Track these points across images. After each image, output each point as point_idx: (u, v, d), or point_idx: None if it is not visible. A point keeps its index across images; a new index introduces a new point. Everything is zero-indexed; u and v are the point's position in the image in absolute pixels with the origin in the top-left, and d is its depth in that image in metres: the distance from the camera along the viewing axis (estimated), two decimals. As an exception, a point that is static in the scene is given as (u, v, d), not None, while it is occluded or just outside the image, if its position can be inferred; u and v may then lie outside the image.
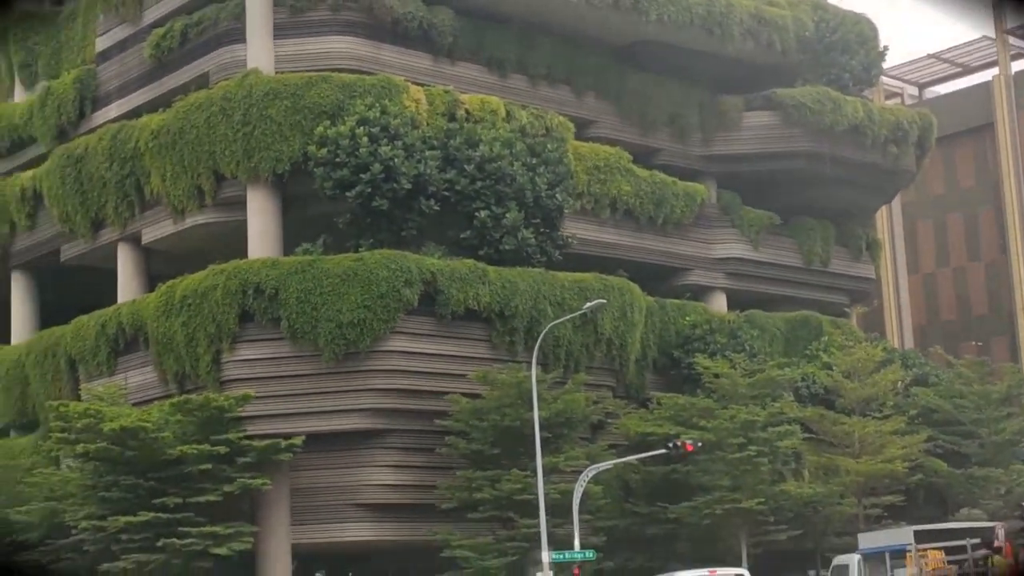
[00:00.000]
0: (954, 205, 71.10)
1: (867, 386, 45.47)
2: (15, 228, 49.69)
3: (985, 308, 68.95)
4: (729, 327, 47.85)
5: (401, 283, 39.19)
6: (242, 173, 41.80)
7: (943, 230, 71.61)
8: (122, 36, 47.41)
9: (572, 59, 48.70)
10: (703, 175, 52.00)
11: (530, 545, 36.97)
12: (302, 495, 40.38)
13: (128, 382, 42.07)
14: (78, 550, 39.74)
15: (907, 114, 57.98)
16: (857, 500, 43.07)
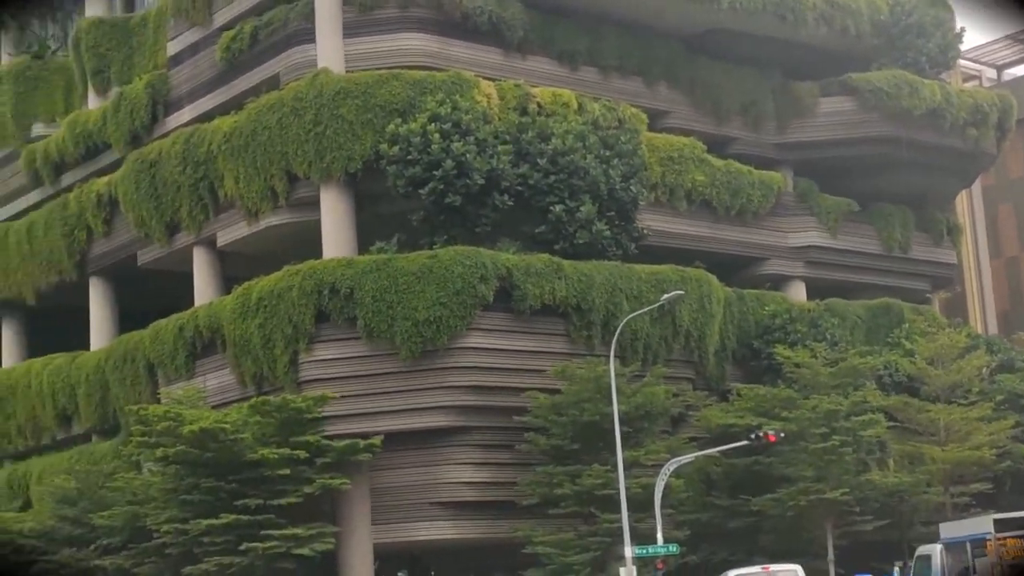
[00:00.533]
0: (1036, 188, 70.51)
1: (951, 373, 44.72)
2: (92, 234, 49.97)
3: (1072, 291, 68.42)
4: (809, 316, 47.33)
5: (476, 279, 38.93)
6: (314, 173, 41.71)
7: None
8: (193, 40, 47.58)
9: (643, 50, 48.34)
10: (779, 163, 51.48)
11: (612, 540, 36.63)
12: (382, 494, 40.26)
13: (206, 385, 42.15)
14: (160, 554, 39.81)
15: (986, 96, 57.17)
16: (944, 489, 42.32)
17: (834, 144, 52.31)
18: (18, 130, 55.39)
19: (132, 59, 50.79)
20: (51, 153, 52.86)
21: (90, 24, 53.13)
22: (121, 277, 50.38)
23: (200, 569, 38.00)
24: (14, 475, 50.18)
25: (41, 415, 49.97)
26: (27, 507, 47.26)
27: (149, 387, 44.44)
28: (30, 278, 52.64)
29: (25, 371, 51.52)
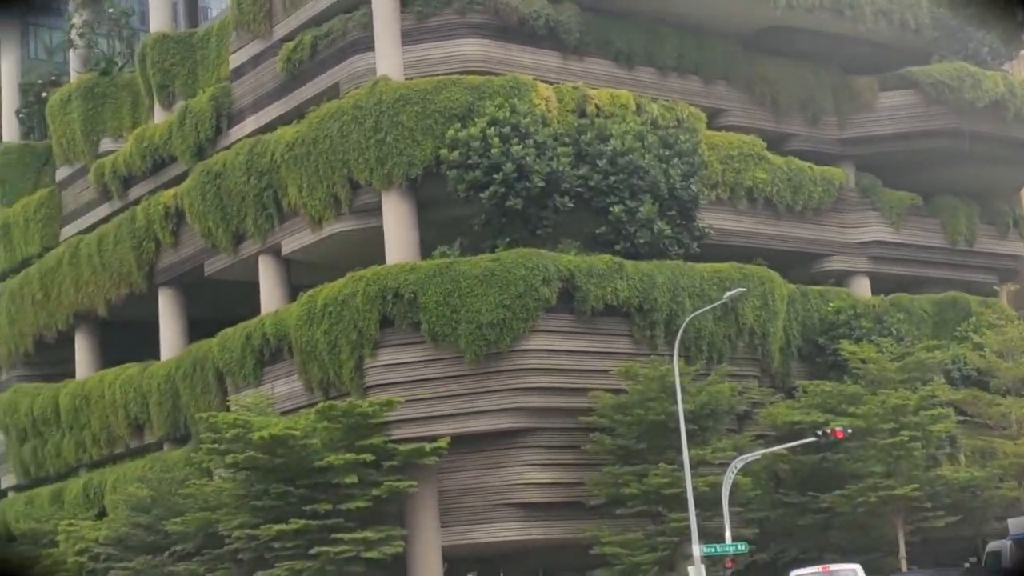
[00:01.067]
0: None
1: (1022, 365, 44.21)
2: (160, 246, 50.37)
3: None
4: (874, 312, 46.80)
5: (539, 281, 38.85)
6: (376, 180, 41.81)
7: (1094, 204, 70.06)
8: (254, 52, 47.83)
9: (700, 49, 48.08)
10: (840, 159, 50.98)
11: (680, 539, 36.50)
12: (450, 497, 40.24)
13: (274, 391, 42.35)
14: (233, 559, 40.09)
15: (1051, 85, 56.25)
16: (1017, 483, 41.85)
17: (895, 138, 51.78)
18: (87, 146, 55.94)
19: (196, 73, 51.20)
20: (119, 167, 53.29)
21: (155, 40, 53.61)
22: (189, 287, 50.78)
23: (272, 574, 38.21)
24: (89, 484, 50.66)
25: (114, 424, 50.39)
26: (102, 515, 47.68)
27: (218, 395, 44.73)
28: (101, 291, 53.07)
29: (98, 382, 51.97)
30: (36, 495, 54.25)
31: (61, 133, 57.46)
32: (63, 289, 54.78)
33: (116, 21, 60.36)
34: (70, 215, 57.03)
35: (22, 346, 57.37)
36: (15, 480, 56.86)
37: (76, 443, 52.40)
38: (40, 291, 55.84)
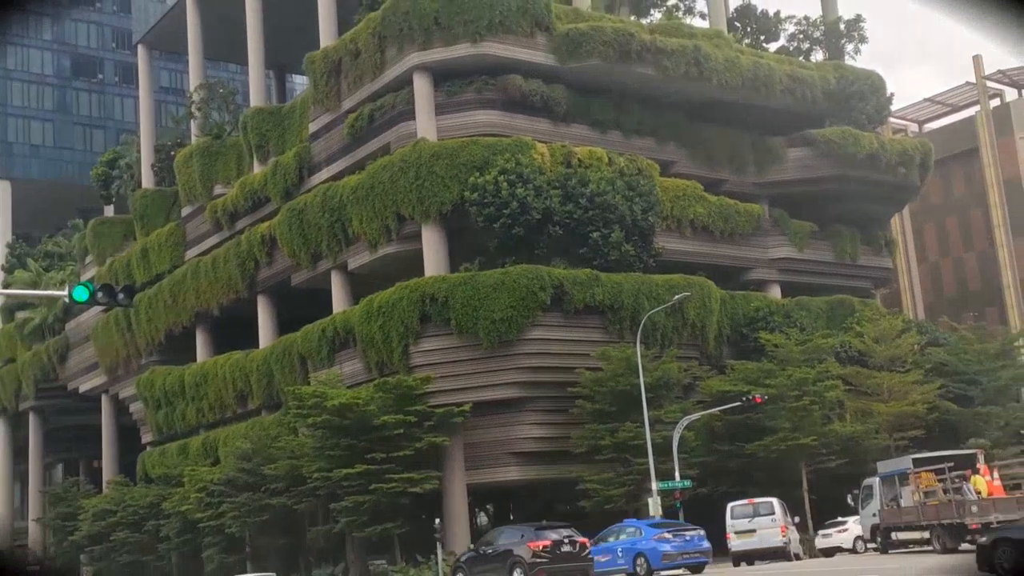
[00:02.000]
0: (950, 210, 69.71)
1: (891, 348, 44.30)
2: (258, 264, 50.52)
3: (979, 286, 67.42)
4: (783, 310, 46.89)
5: (537, 288, 39.07)
6: (417, 214, 41.99)
7: (943, 229, 70.39)
8: (327, 121, 47.89)
9: (655, 118, 47.91)
10: (758, 197, 50.75)
11: (642, 478, 36.68)
12: (472, 448, 40.38)
13: (343, 370, 42.51)
14: (313, 494, 40.50)
15: (911, 143, 56.43)
16: (888, 435, 41.80)
17: (799, 182, 51.50)
18: (204, 190, 56.15)
19: (284, 136, 51.32)
20: (228, 206, 53.45)
21: (254, 112, 53.92)
22: (279, 294, 50.84)
23: (342, 505, 38.56)
24: (207, 440, 50.92)
25: (225, 396, 50.52)
26: (216, 463, 47.92)
27: (301, 373, 44.85)
28: (215, 297, 53.21)
29: (213, 364, 52.19)
30: (167, 449, 54.45)
31: (185, 181, 57.66)
32: (187, 296, 54.93)
33: (225, 98, 60.67)
34: (192, 242, 57.15)
35: (156, 338, 57.54)
36: (152, 438, 57.03)
37: (196, 410, 52.55)
38: (170, 297, 56.00)
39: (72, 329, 67.18)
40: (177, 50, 66.59)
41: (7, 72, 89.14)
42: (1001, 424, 46.53)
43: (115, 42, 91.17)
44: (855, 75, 54.14)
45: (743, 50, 50.79)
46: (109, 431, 65.16)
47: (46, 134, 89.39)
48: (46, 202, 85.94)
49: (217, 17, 59.92)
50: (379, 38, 44.56)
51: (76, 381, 67.18)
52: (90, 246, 67.83)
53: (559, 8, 45.50)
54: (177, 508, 48.00)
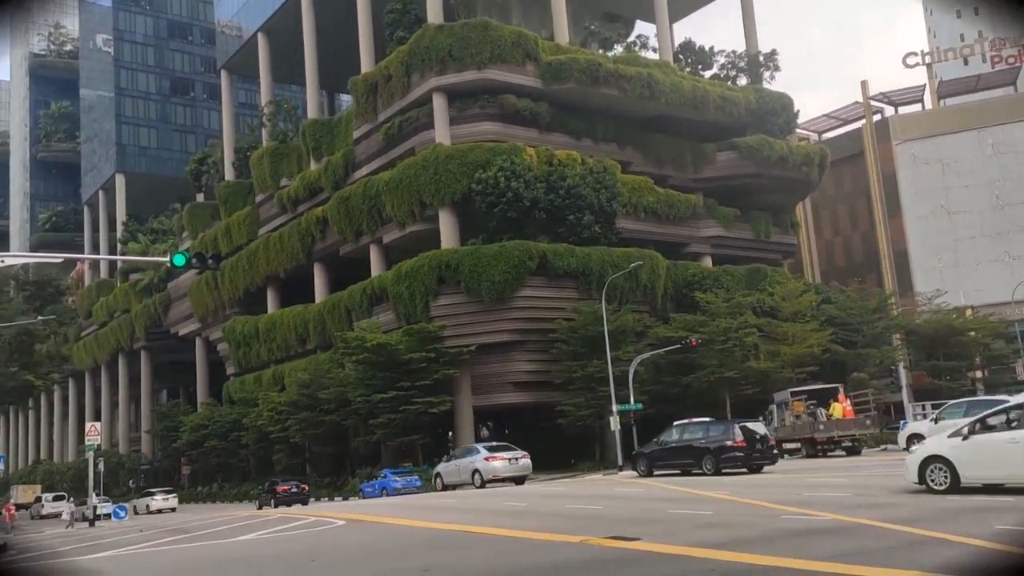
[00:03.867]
0: (841, 200, 69.45)
1: (795, 304, 44.23)
2: (314, 239, 50.45)
3: (862, 258, 67.41)
4: (714, 275, 46.81)
5: (526, 258, 39.13)
6: (436, 201, 41.91)
7: (835, 214, 70.18)
8: (366, 129, 47.71)
9: (618, 128, 47.67)
10: (695, 190, 50.44)
11: (604, 402, 36.78)
12: (478, 378, 40.60)
13: (379, 320, 42.62)
14: (355, 413, 40.74)
15: (812, 149, 55.85)
16: (791, 370, 41.71)
17: (726, 178, 51.20)
18: (272, 182, 55.99)
19: (334, 141, 51.07)
20: (291, 194, 53.28)
21: (311, 123, 53.63)
22: (331, 262, 50.83)
23: (378, 421, 38.82)
24: (277, 372, 51.04)
25: (289, 339, 50.64)
26: (283, 390, 48.12)
27: (347, 322, 44.98)
28: (282, 264, 53.21)
29: (281, 315, 52.24)
30: (246, 379, 54.60)
31: (258, 175, 57.46)
32: (260, 263, 54.94)
33: (288, 112, 60.26)
34: (263, 221, 57.04)
35: (237, 295, 57.63)
36: (234, 370, 57.26)
37: (268, 349, 52.67)
38: (247, 263, 55.99)
39: (172, 287, 67.22)
40: (251, 74, 65.95)
41: (121, 90, 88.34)
42: (877, 362, 46.89)
43: (203, 67, 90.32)
44: (770, 96, 53.79)
45: (684, 76, 50.32)
46: (202, 365, 65.40)
47: (151, 138, 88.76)
48: (152, 190, 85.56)
49: (281, 49, 59.45)
50: (406, 66, 44.32)
51: (176, 326, 67.34)
52: (186, 224, 67.68)
53: (544, 43, 45.17)
54: (254, 423, 48.33)
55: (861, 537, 10.13)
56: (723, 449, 24.02)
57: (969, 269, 61.02)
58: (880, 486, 16.53)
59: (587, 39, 51.15)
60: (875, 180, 65.68)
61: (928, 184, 63.60)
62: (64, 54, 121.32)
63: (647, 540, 10.96)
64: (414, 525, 16.57)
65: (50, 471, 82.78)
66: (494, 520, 16.51)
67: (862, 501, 14.03)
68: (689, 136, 50.48)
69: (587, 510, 16.88)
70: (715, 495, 17.42)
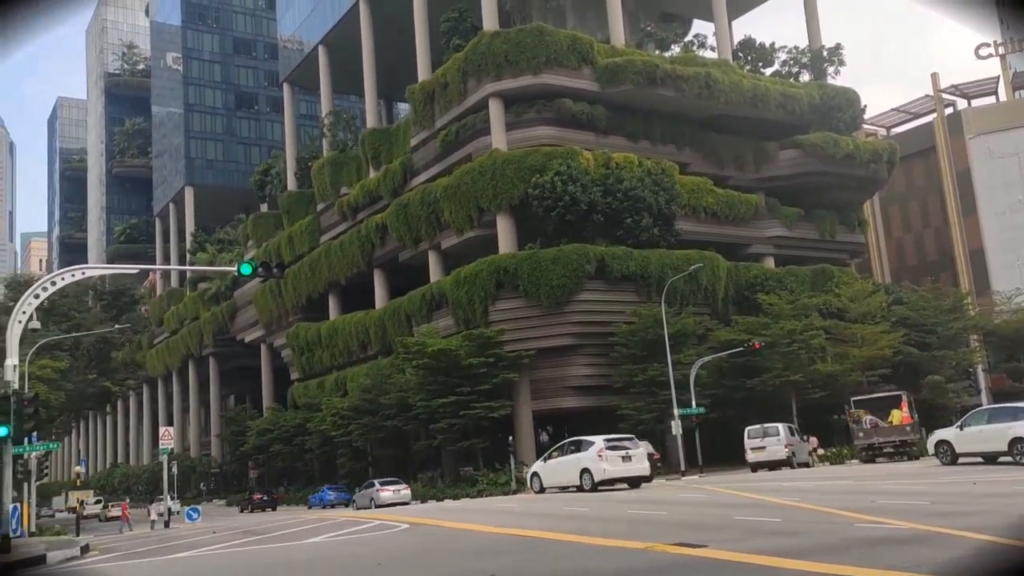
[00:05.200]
0: (912, 196, 67.42)
1: (863, 305, 43.03)
2: (374, 246, 50.79)
3: (935, 256, 65.23)
4: (777, 276, 45.80)
5: (584, 262, 38.78)
6: (493, 206, 41.83)
7: (906, 211, 68.14)
8: (424, 136, 47.91)
9: (675, 129, 46.96)
10: (756, 189, 49.46)
11: (666, 406, 36.21)
12: (537, 383, 40.32)
13: (438, 325, 42.59)
14: (416, 418, 40.74)
15: (881, 144, 54.27)
16: (861, 372, 40.59)
17: (789, 176, 50.07)
18: (333, 191, 56.68)
19: (392, 149, 51.42)
20: (351, 202, 53.81)
21: (370, 132, 54.15)
22: (391, 268, 51.12)
23: (438, 426, 38.78)
24: (339, 378, 51.40)
25: (351, 344, 50.99)
26: (345, 394, 48.46)
27: (407, 327, 45.05)
28: (343, 271, 53.73)
29: (342, 321, 52.69)
30: (309, 384, 55.17)
31: (319, 184, 58.25)
32: (321, 270, 55.59)
33: (348, 122, 61.03)
34: (324, 229, 57.76)
35: (300, 301, 58.44)
36: (298, 375, 58.05)
37: (330, 355, 53.14)
38: (309, 271, 56.72)
39: (239, 295, 68.63)
40: (312, 86, 67.07)
41: (189, 106, 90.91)
42: (953, 364, 45.37)
43: (267, 81, 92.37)
44: (835, 92, 52.37)
45: (744, 74, 49.32)
46: (267, 370, 66.56)
47: (218, 151, 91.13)
48: (218, 202, 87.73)
49: (341, 61, 60.24)
50: (462, 73, 44.38)
51: (242, 333, 68.69)
52: (250, 234, 69.09)
53: (600, 46, 44.76)
54: (317, 427, 48.79)
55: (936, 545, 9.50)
56: None
57: (1049, 266, 58.40)
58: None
59: (643, 40, 50.51)
60: (948, 175, 63.56)
61: (1005, 178, 61.19)
62: (137, 73, 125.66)
63: (713, 547, 10.52)
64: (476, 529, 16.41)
65: (127, 474, 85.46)
66: (555, 524, 16.21)
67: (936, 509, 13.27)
68: (750, 135, 49.46)
69: (651, 515, 16.43)
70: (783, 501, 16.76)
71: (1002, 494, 14.49)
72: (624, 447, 24.49)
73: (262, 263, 21.54)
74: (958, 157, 63.13)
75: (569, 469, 24.95)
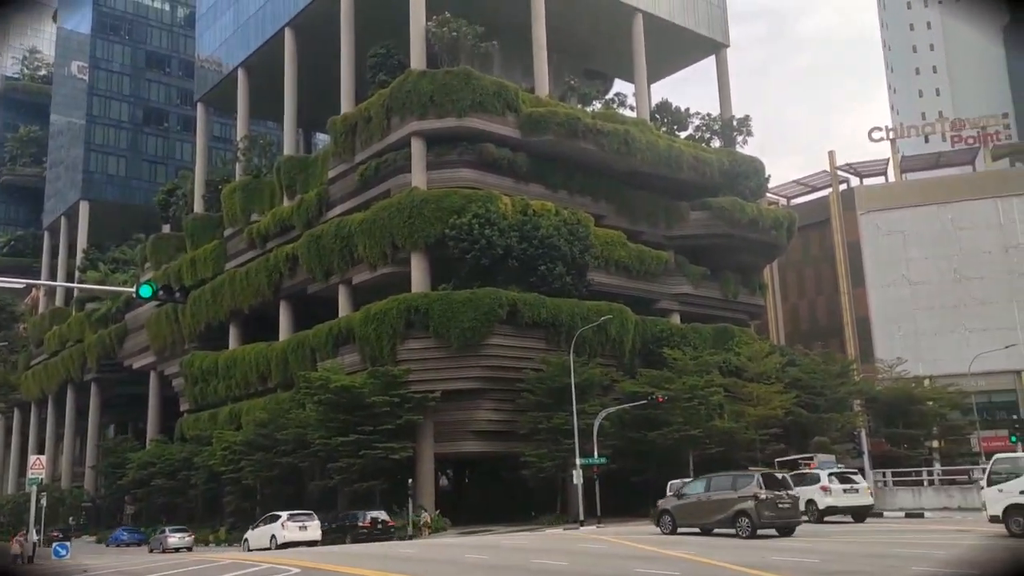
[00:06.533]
0: (807, 264, 70.36)
1: (760, 365, 44.22)
2: (282, 276, 49.69)
3: (826, 322, 68.00)
4: (681, 332, 46.79)
5: (497, 306, 38.90)
6: (408, 244, 41.63)
7: (802, 278, 71.00)
8: (342, 169, 47.42)
9: (593, 181, 47.87)
10: (666, 246, 50.74)
11: (568, 455, 36.25)
12: (441, 425, 39.92)
13: (344, 361, 41.82)
14: (314, 455, 39.73)
15: (782, 213, 56.67)
16: (755, 431, 41.62)
17: (698, 237, 51.60)
18: (243, 217, 55.28)
19: (308, 179, 50.63)
20: (261, 230, 52.64)
21: (286, 159, 53.26)
22: (298, 300, 50.09)
23: (337, 465, 37.87)
24: (233, 411, 49.83)
25: (249, 376, 49.48)
26: (239, 429, 46.88)
27: (311, 362, 44.08)
28: (247, 300, 52.27)
29: (242, 352, 51.19)
30: (200, 416, 53.20)
31: (229, 209, 56.76)
32: (224, 298, 53.91)
33: (264, 148, 59.94)
34: (231, 256, 56.16)
35: (198, 329, 56.45)
36: (189, 406, 55.76)
37: (226, 386, 51.41)
38: (211, 298, 54.88)
39: (130, 318, 65.65)
40: (228, 108, 65.71)
41: (92, 118, 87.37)
42: (838, 426, 46.98)
43: (179, 99, 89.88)
44: (743, 160, 54.65)
45: (660, 135, 50.95)
46: (154, 400, 63.66)
47: (120, 166, 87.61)
48: (116, 219, 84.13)
49: (261, 85, 59.29)
50: (387, 109, 44.37)
51: (131, 359, 65.62)
52: (149, 255, 66.48)
53: (525, 95, 45.62)
54: (205, 462, 46.93)
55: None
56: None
57: (928, 339, 62.01)
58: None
59: (567, 94, 51.75)
60: (840, 247, 66.86)
61: (890, 254, 64.92)
62: (38, 79, 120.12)
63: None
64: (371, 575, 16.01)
65: (-14, 503, 79.30)
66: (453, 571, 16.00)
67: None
68: (663, 194, 50.88)
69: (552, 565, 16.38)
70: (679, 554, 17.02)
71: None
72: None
73: (163, 286, 20.67)
74: (850, 231, 66.73)
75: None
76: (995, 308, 61.57)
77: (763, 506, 21.32)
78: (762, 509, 21.27)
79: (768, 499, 21.54)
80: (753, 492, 21.56)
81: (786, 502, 21.90)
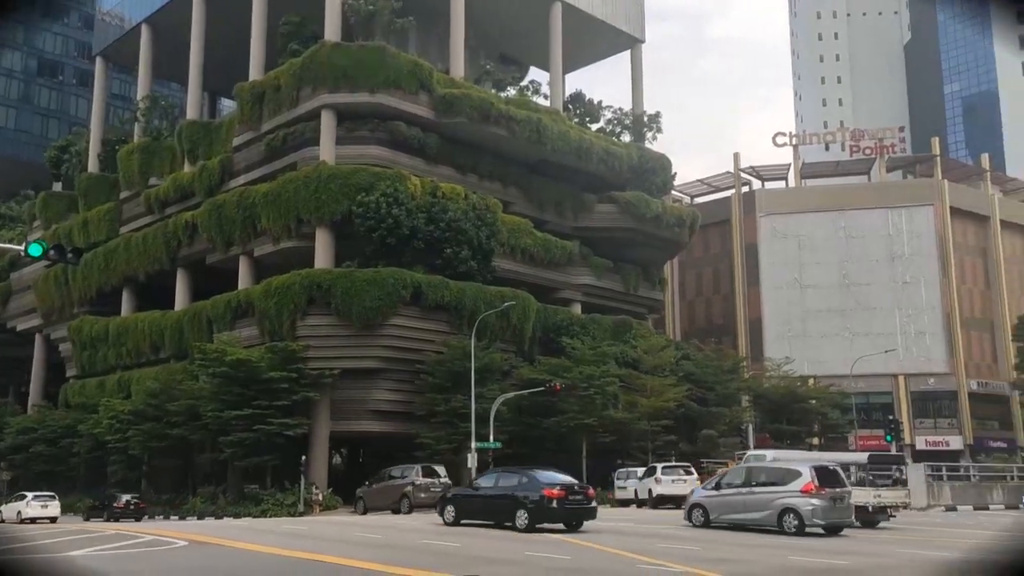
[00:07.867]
0: (707, 263, 72.49)
1: (656, 358, 45.52)
2: (180, 244, 48.46)
3: (721, 320, 70.44)
4: (582, 322, 47.65)
5: (401, 287, 38.95)
6: (314, 219, 41.25)
7: (700, 276, 73.10)
8: (248, 138, 46.47)
9: (503, 168, 48.28)
10: (572, 237, 51.33)
11: (465, 438, 36.71)
12: (338, 403, 39.87)
13: (241, 334, 41.23)
14: (206, 428, 39.18)
15: (685, 211, 58.17)
16: (647, 422, 42.89)
17: (603, 229, 52.41)
18: (141, 180, 53.54)
19: (212, 145, 49.43)
20: (160, 195, 51.10)
21: (189, 123, 51.86)
22: (196, 270, 48.97)
23: (228, 439, 37.45)
24: (123, 379, 48.47)
25: (141, 345, 48.21)
26: (128, 398, 45.69)
27: (207, 333, 43.27)
28: (143, 267, 50.78)
29: (135, 319, 49.76)
30: (87, 382, 51.52)
31: (125, 171, 54.81)
32: (118, 263, 52.17)
33: (166, 110, 58.07)
34: (126, 220, 54.28)
35: (89, 293, 54.47)
36: (75, 372, 53.84)
37: (116, 354, 49.93)
38: (104, 262, 53.00)
39: (15, 278, 62.82)
40: (129, 65, 63.20)
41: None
42: (727, 421, 48.93)
43: (76, 52, 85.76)
44: (651, 156, 55.87)
45: (572, 126, 51.68)
46: (39, 364, 61.18)
47: (9, 118, 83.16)
48: (3, 173, 79.89)
49: (165, 44, 57.34)
50: (298, 79, 43.71)
51: (14, 321, 62.79)
52: (39, 213, 63.53)
53: (439, 75, 45.61)
54: (90, 431, 45.53)
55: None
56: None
57: (814, 340, 65.19)
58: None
59: (482, 77, 52.01)
60: (738, 248, 69.35)
61: (785, 257, 67.83)
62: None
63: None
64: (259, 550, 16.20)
65: None
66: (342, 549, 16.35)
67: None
68: (571, 184, 51.62)
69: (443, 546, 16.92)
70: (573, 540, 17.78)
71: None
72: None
73: (55, 245, 19.74)
74: (749, 232, 69.33)
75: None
76: (879, 314, 65.24)
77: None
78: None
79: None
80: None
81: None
